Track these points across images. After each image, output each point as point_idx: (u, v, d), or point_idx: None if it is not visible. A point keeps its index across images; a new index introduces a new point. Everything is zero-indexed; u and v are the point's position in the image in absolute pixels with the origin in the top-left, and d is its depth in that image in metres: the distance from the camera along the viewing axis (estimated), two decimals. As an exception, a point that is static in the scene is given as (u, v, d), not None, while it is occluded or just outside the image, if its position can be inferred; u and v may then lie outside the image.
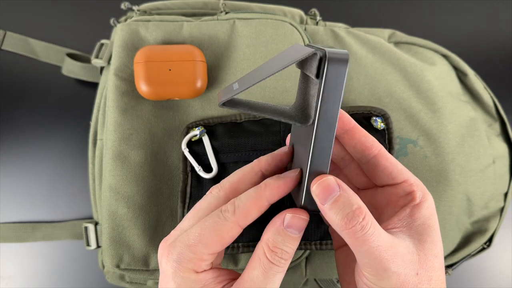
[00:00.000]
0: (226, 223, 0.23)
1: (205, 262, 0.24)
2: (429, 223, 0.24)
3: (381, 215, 0.28)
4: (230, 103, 0.22)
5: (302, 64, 0.23)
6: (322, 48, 0.21)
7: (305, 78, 0.24)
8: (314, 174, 0.23)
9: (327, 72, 0.20)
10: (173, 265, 0.23)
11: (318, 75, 0.21)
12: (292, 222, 0.24)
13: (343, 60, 0.20)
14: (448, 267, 0.43)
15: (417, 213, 0.24)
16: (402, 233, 0.24)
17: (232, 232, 0.24)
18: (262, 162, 0.26)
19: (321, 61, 0.21)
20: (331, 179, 0.23)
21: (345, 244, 0.28)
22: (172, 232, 0.25)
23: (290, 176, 0.24)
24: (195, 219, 0.25)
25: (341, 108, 0.38)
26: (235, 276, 0.25)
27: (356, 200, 0.22)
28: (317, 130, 0.22)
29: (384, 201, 0.26)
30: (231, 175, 0.26)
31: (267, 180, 0.24)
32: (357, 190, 0.29)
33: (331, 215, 0.22)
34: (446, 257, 0.42)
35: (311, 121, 0.22)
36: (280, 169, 0.26)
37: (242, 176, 0.26)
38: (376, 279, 0.23)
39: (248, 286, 0.23)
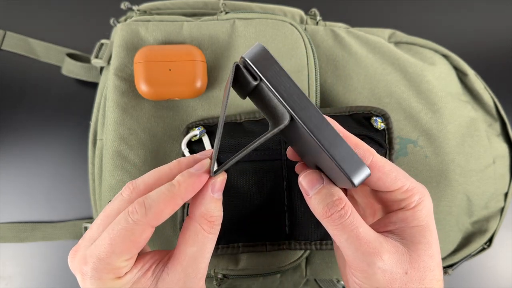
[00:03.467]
0: (136, 227, 0.22)
1: (124, 268, 0.23)
2: (424, 224, 0.24)
3: (375, 215, 0.28)
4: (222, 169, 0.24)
5: (239, 85, 0.22)
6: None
7: (254, 96, 0.23)
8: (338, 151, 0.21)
9: (257, 67, 0.20)
10: (92, 281, 0.22)
11: (256, 78, 0.21)
12: (217, 186, 0.24)
13: (259, 49, 0.20)
14: (448, 267, 0.43)
15: (411, 216, 0.24)
16: (392, 234, 0.24)
17: (145, 234, 0.22)
18: (182, 165, 0.25)
19: (245, 67, 0.21)
20: (316, 172, 0.24)
21: None
22: (81, 241, 0.24)
23: (202, 171, 0.24)
24: (104, 226, 0.23)
25: (341, 109, 0.38)
26: (162, 255, 0.25)
27: (337, 192, 0.23)
28: (300, 116, 0.20)
29: (380, 202, 0.26)
30: (146, 174, 0.25)
31: (179, 178, 0.23)
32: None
33: (315, 204, 0.23)
34: (446, 257, 0.42)
35: (287, 116, 0.21)
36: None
37: (159, 178, 0.24)
38: (363, 277, 0.23)
39: (186, 263, 0.23)
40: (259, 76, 0.20)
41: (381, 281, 0.23)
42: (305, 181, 0.24)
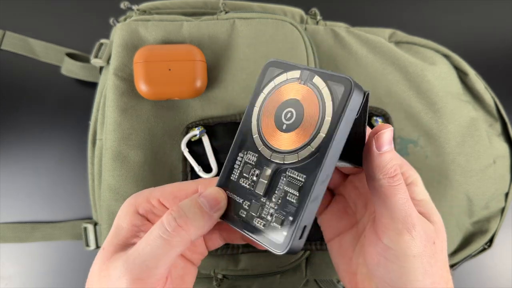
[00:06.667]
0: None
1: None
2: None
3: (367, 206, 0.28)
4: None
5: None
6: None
7: None
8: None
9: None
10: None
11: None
12: (207, 192, 0.22)
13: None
14: (449, 267, 0.43)
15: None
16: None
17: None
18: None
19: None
20: (390, 132, 0.23)
21: (337, 235, 0.29)
22: None
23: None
24: None
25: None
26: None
27: (398, 160, 0.25)
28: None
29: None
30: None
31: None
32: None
33: (386, 160, 0.23)
34: (446, 258, 0.42)
35: None
36: None
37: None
38: (395, 239, 0.23)
39: (136, 255, 0.21)
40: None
41: (412, 245, 0.23)
42: (388, 134, 0.23)
